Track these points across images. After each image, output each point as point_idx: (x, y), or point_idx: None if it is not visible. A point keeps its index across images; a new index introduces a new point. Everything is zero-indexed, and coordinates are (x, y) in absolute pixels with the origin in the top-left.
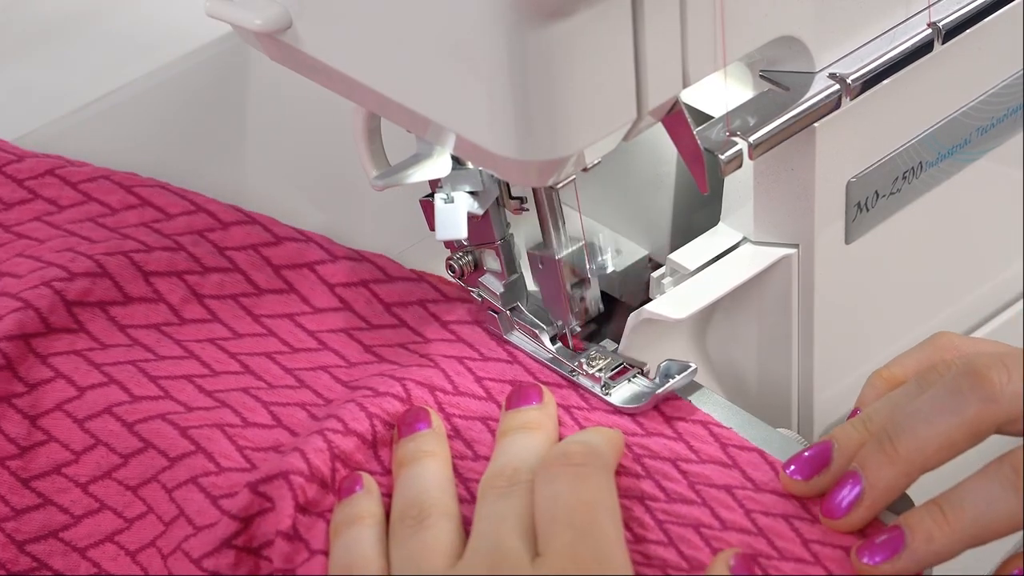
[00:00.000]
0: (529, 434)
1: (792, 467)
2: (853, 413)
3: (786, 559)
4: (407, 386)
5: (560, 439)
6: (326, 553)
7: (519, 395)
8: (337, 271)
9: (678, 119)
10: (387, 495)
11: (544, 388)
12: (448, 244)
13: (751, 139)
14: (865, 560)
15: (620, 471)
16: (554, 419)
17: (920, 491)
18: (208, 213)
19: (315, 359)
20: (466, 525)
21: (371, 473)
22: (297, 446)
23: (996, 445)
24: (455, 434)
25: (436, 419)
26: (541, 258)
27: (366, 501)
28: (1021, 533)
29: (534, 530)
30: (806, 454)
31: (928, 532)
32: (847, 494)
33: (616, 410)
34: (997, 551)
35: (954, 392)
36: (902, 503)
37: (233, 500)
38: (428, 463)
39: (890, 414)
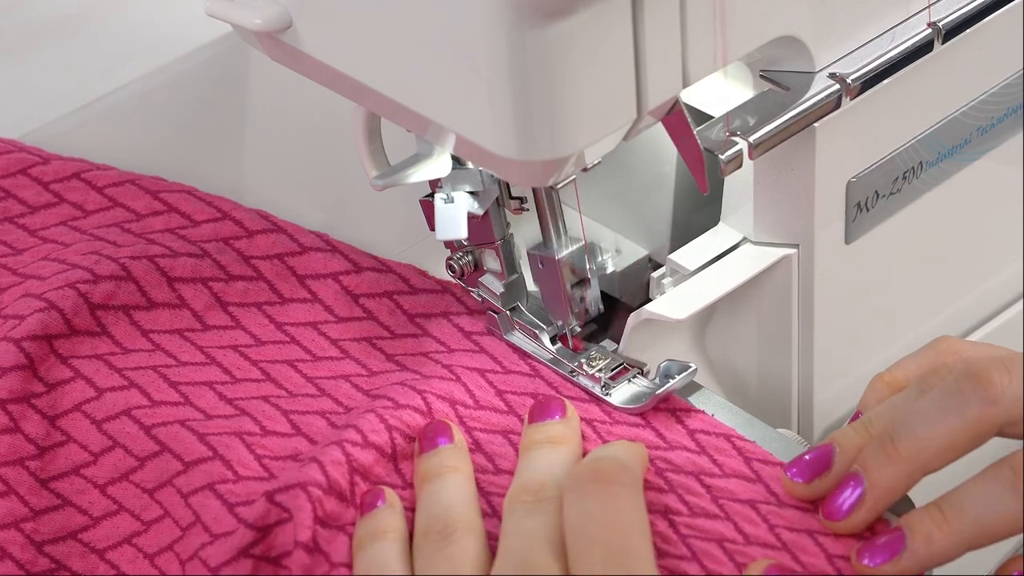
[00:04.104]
0: (554, 448)
1: (793, 470)
2: (855, 417)
3: (809, 572)
4: (427, 399)
5: (584, 453)
6: (348, 566)
7: (542, 408)
8: (362, 282)
9: (678, 119)
10: (409, 509)
11: (567, 401)
12: (448, 244)
13: (751, 139)
14: (865, 562)
15: (644, 485)
16: (578, 433)
17: (922, 493)
18: (234, 220)
19: (336, 368)
20: (490, 540)
21: (392, 487)
22: (315, 456)
23: (998, 447)
24: (476, 447)
25: (458, 433)
26: (541, 258)
27: (389, 515)
28: (1022, 535)
29: (562, 548)
30: (807, 457)
31: (928, 533)
32: (848, 496)
33: (642, 423)
34: (997, 551)
35: (955, 394)
36: (903, 504)
37: (250, 509)
38: (451, 478)
39: (891, 417)
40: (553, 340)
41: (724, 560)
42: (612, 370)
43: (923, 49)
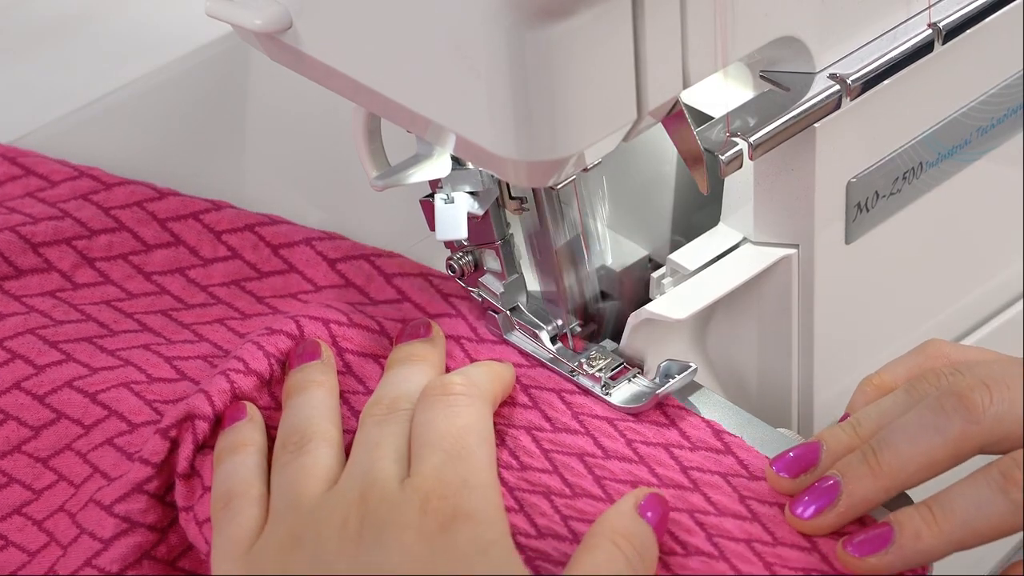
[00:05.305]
0: (413, 365)
1: (779, 464)
2: (843, 418)
3: (665, 486)
4: (300, 322)
5: (448, 371)
6: None
7: (408, 330)
8: (222, 219)
9: (678, 119)
10: (275, 429)
11: (433, 323)
12: (448, 244)
13: (751, 139)
14: (851, 551)
15: (509, 401)
16: (441, 352)
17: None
18: (91, 177)
19: (209, 313)
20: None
21: (264, 409)
22: (202, 388)
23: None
24: (347, 370)
25: (326, 351)
26: (540, 252)
27: (249, 429)
28: (1021, 538)
29: (408, 457)
30: (792, 454)
31: (917, 530)
32: (821, 498)
33: (503, 340)
34: (997, 551)
35: (938, 412)
36: (899, 500)
37: (144, 450)
38: (314, 392)
39: (877, 426)
40: (553, 340)
41: (584, 472)
42: (612, 370)
43: (923, 50)
